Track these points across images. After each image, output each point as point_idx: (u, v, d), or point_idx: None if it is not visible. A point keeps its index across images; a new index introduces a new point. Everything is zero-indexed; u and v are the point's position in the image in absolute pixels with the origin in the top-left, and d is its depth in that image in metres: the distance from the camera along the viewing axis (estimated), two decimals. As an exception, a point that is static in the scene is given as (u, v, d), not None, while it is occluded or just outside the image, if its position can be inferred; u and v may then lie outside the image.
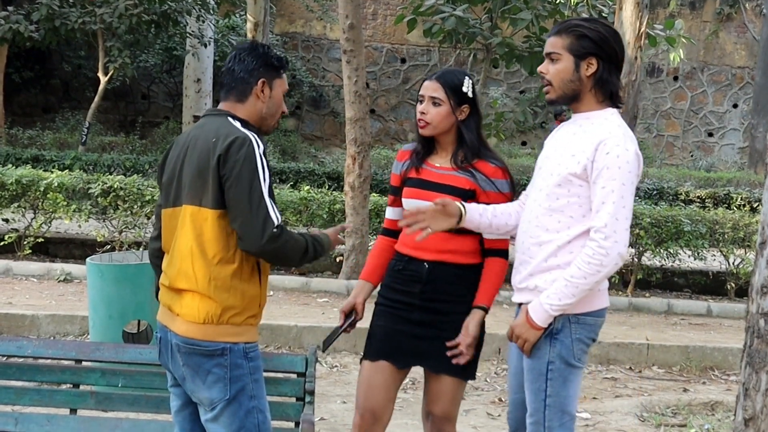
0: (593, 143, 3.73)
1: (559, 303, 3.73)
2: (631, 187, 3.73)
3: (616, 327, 9.70)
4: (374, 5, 24.76)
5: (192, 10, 17.75)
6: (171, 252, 3.71)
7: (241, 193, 3.52)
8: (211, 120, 3.74)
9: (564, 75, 3.83)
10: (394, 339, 4.29)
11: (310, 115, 24.81)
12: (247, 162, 3.53)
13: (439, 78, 4.30)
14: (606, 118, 3.84)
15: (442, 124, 4.26)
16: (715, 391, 7.89)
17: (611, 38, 3.83)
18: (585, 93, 3.85)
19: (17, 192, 10.95)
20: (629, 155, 3.71)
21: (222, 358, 3.62)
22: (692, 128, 26.01)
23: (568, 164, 3.78)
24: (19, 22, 16.69)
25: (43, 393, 4.58)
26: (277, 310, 9.10)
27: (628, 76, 11.68)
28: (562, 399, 3.86)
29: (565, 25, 3.88)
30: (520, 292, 3.95)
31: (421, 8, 13.52)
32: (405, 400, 7.04)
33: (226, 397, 3.62)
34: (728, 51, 25.95)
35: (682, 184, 19.60)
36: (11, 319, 8.31)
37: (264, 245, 3.52)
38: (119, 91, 22.77)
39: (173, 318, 3.69)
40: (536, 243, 3.85)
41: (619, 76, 3.90)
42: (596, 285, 3.76)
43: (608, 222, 3.66)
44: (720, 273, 12.11)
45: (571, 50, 3.81)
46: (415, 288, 4.25)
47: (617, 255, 3.69)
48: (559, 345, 3.83)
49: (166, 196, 3.78)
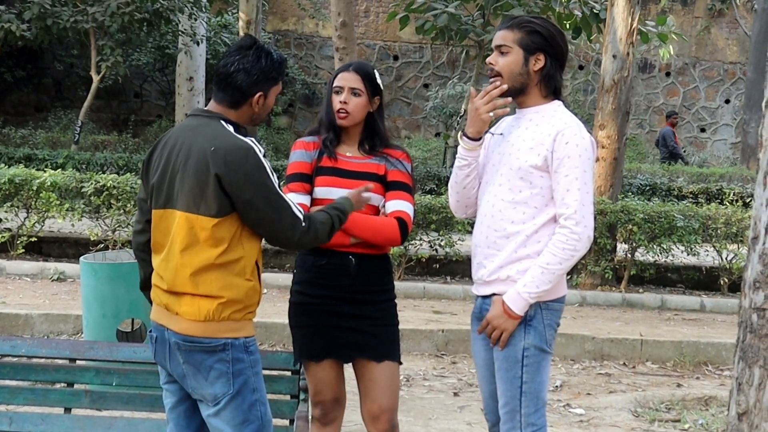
0: (551, 134, 3.86)
1: (537, 290, 3.82)
2: (591, 172, 3.88)
3: (609, 323, 9.72)
4: (366, 2, 24.76)
5: (184, 8, 17.70)
6: (166, 255, 3.69)
7: (263, 203, 3.58)
8: (204, 123, 3.70)
9: (513, 67, 3.95)
10: (330, 335, 4.28)
11: (303, 113, 24.80)
12: (258, 171, 3.57)
13: (357, 69, 4.37)
14: (555, 110, 3.98)
15: (360, 114, 4.33)
16: (709, 386, 7.92)
17: (559, 37, 4.00)
18: (531, 87, 3.98)
19: (10, 191, 10.93)
20: (586, 143, 3.87)
21: (224, 353, 3.63)
22: (684, 124, 26.04)
23: (528, 157, 3.89)
24: (10, 21, 16.65)
25: (37, 392, 4.58)
26: (271, 308, 9.10)
27: (620, 72, 11.70)
28: (537, 385, 3.93)
29: (516, 20, 4.00)
30: (489, 285, 4.00)
31: (413, 5, 13.55)
32: (400, 397, 7.04)
33: (230, 391, 3.64)
34: (720, 47, 25.99)
35: (675, 179, 19.61)
36: (5, 319, 8.31)
37: (298, 242, 3.70)
38: (111, 89, 22.74)
39: (172, 317, 3.68)
40: (503, 236, 3.92)
41: (563, 73, 4.05)
42: (569, 269, 3.88)
43: (577, 209, 3.81)
44: (713, 268, 12.14)
45: (521, 44, 3.94)
46: (344, 281, 4.25)
47: (587, 239, 3.84)
48: (533, 331, 3.91)
49: (156, 197, 3.75)
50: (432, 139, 24.49)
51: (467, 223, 11.32)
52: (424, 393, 7.27)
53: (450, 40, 14.07)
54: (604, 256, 11.36)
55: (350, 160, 4.32)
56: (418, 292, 10.62)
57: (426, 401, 7.05)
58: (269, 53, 3.76)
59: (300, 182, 4.34)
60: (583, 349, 8.70)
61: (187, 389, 3.74)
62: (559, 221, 3.84)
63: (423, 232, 11.24)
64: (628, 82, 11.78)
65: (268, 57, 3.74)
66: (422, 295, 10.58)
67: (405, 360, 8.04)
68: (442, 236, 11.26)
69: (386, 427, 4.32)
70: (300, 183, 4.34)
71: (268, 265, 11.69)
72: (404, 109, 25.16)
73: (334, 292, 4.27)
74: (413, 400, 7.05)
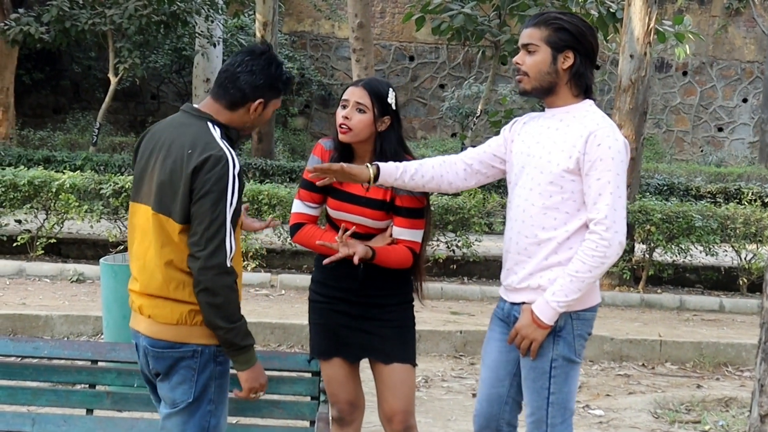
0: (582, 136, 3.74)
1: (566, 299, 3.72)
2: (624, 176, 3.75)
3: (628, 323, 9.70)
4: (382, 3, 24.77)
5: (201, 10, 17.77)
6: (141, 256, 3.61)
7: (204, 213, 3.43)
8: (191, 122, 3.61)
9: (541, 67, 3.83)
10: (338, 334, 4.29)
11: (319, 114, 24.82)
12: (219, 181, 3.44)
13: (365, 85, 4.24)
14: (587, 110, 3.85)
15: (363, 132, 4.19)
16: (729, 388, 7.89)
17: (588, 33, 3.85)
18: (561, 86, 3.87)
19: (29, 193, 10.99)
20: (619, 145, 3.74)
21: (192, 360, 3.57)
22: (702, 123, 25.96)
23: (559, 160, 3.77)
24: (29, 24, 16.75)
25: (59, 393, 4.60)
26: (289, 309, 9.12)
27: (637, 71, 11.67)
28: (564, 395, 3.87)
29: (543, 17, 3.88)
30: (519, 292, 3.91)
31: (429, 6, 13.52)
32: (418, 399, 7.04)
33: (188, 399, 3.58)
34: (737, 45, 25.90)
35: (693, 179, 19.56)
36: (25, 320, 8.35)
37: (208, 269, 3.43)
38: (129, 91, 22.82)
39: (143, 320, 3.63)
40: (534, 242, 3.83)
41: (593, 70, 3.91)
42: (599, 277, 3.77)
43: (608, 213, 3.68)
44: (732, 268, 12.10)
45: (549, 42, 3.82)
46: (352, 285, 4.24)
47: (618, 245, 3.71)
48: (562, 342, 3.83)
49: (136, 188, 3.67)
50: (448, 139, 24.48)
51: (484, 223, 11.32)
52: (443, 394, 7.27)
53: (466, 40, 14.02)
54: (622, 257, 11.32)
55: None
56: (436, 293, 10.62)
57: (445, 402, 7.05)
58: (280, 64, 3.69)
59: (307, 190, 4.34)
60: (601, 350, 8.68)
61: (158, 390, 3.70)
62: (590, 226, 3.72)
63: (440, 233, 11.24)
64: (645, 81, 11.75)
65: (278, 67, 3.66)
66: (440, 296, 10.57)
67: (423, 361, 8.06)
68: (459, 237, 11.26)
69: (400, 428, 4.30)
70: (307, 191, 4.34)
71: (285, 266, 11.73)
72: (420, 109, 25.15)
73: (343, 293, 4.29)
74: (432, 401, 7.05)
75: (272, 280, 10.74)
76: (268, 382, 4.02)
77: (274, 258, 11.71)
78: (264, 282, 10.63)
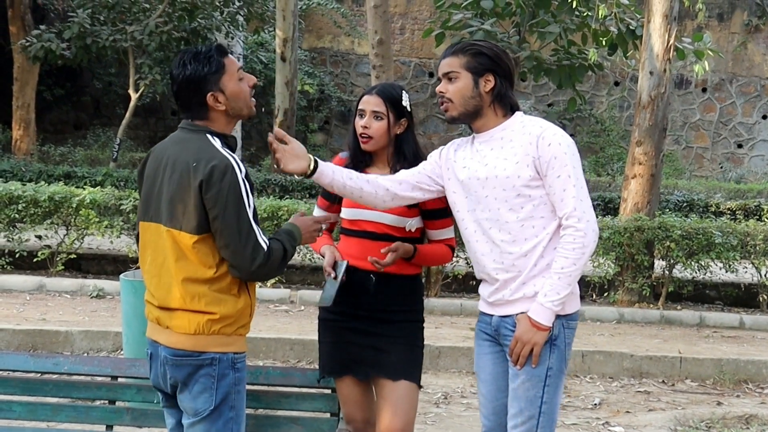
0: (531, 142, 3.83)
1: (558, 297, 3.79)
2: (580, 168, 3.85)
3: (648, 340, 9.67)
4: (402, 20, 24.83)
5: (221, 27, 17.87)
6: (156, 272, 3.69)
7: (229, 224, 3.51)
8: (189, 137, 3.68)
9: (464, 92, 3.94)
10: (347, 352, 4.29)
11: (338, 130, 24.88)
12: (232, 190, 3.52)
13: (379, 92, 4.31)
14: (522, 120, 3.95)
15: (383, 138, 4.27)
16: (750, 405, 7.85)
17: (504, 56, 3.98)
18: (485, 108, 3.96)
19: (50, 208, 11.04)
20: (568, 140, 3.85)
21: (210, 368, 3.63)
22: (721, 140, 25.89)
23: (520, 172, 3.84)
24: (51, 41, 16.89)
25: (79, 409, 4.61)
26: (309, 325, 9.12)
27: (656, 88, 11.67)
28: (553, 406, 3.92)
29: (459, 45, 4.00)
30: (512, 304, 3.95)
31: (449, 22, 13.55)
32: (437, 415, 7.05)
33: (210, 407, 3.63)
34: (757, 62, 25.83)
35: (712, 195, 19.50)
36: (45, 335, 8.39)
37: (255, 271, 3.57)
38: (149, 107, 22.94)
39: (162, 331, 3.69)
40: (521, 255, 3.88)
41: (513, 91, 4.00)
42: (583, 268, 3.82)
43: (576, 205, 3.77)
44: (752, 285, 12.04)
45: (468, 68, 3.93)
46: (363, 299, 4.25)
47: (593, 232, 3.80)
48: (557, 351, 3.89)
49: (144, 208, 3.75)
50: (467, 155, 24.46)
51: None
52: (462, 411, 7.26)
53: (486, 56, 14.05)
54: (642, 273, 11.31)
55: None
56: (455, 309, 10.60)
57: (464, 419, 7.04)
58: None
59: (324, 199, 4.43)
60: (621, 367, 8.65)
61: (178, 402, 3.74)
62: (562, 222, 3.80)
63: (459, 249, 11.22)
64: (665, 98, 11.74)
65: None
66: (459, 312, 10.56)
67: (442, 377, 8.07)
68: (478, 253, 11.22)
69: None
70: (323, 200, 4.43)
71: (305, 282, 11.74)
72: (440, 126, 25.18)
73: (353, 309, 4.28)
74: (451, 418, 7.04)
75: (291, 296, 10.75)
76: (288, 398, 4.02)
77: (294, 274, 11.72)
78: (283, 298, 10.64)
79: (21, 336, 8.36)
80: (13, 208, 11.02)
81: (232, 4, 18.04)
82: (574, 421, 7.11)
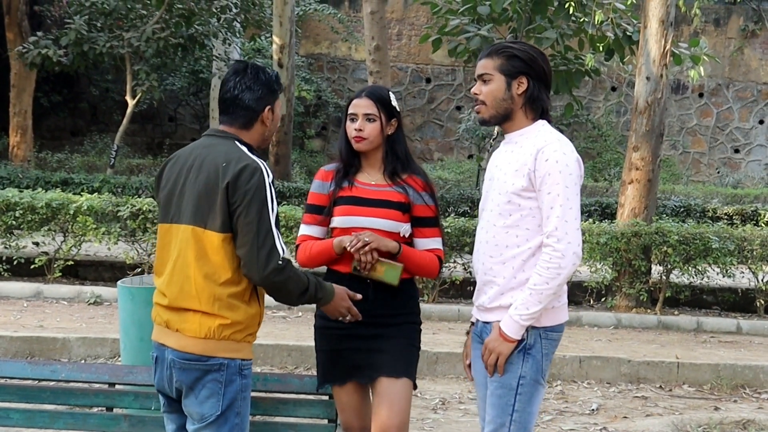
0: (532, 154, 3.84)
1: (527, 312, 3.79)
2: (575, 188, 3.83)
3: (645, 345, 9.67)
4: (399, 26, 24.86)
5: (218, 33, 17.88)
6: (170, 271, 3.72)
7: (250, 222, 3.56)
8: (218, 142, 3.76)
9: (497, 94, 3.96)
10: (348, 359, 4.27)
11: (335, 136, 24.87)
12: (258, 191, 3.58)
13: (369, 95, 4.34)
14: (539, 130, 3.95)
15: (377, 139, 4.30)
16: (747, 410, 7.85)
17: (539, 58, 3.98)
18: (516, 111, 3.97)
19: (47, 215, 11.04)
20: (568, 158, 3.83)
21: (218, 374, 3.65)
22: (718, 145, 25.93)
23: (514, 180, 3.87)
24: (47, 47, 16.87)
25: (76, 416, 4.60)
26: (306, 332, 9.12)
27: (653, 93, 11.68)
28: (527, 416, 3.90)
29: (494, 47, 4.03)
30: (491, 312, 3.98)
31: (446, 28, 13.57)
32: (435, 421, 7.05)
33: (217, 412, 3.65)
34: (753, 67, 25.88)
35: (709, 201, 19.53)
36: (42, 342, 8.38)
37: (267, 275, 3.59)
38: (146, 113, 22.95)
39: (171, 333, 3.70)
40: (499, 262, 3.92)
41: (548, 94, 4.02)
42: (559, 288, 3.81)
43: (558, 225, 3.77)
44: (749, 290, 12.05)
45: (502, 70, 3.96)
46: (361, 306, 4.19)
47: (573, 255, 3.78)
48: (531, 360, 3.88)
49: (164, 211, 3.79)
50: (465, 161, 24.52)
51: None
52: (460, 416, 7.26)
53: (482, 62, 14.06)
54: (639, 278, 11.32)
55: (369, 188, 4.30)
56: (453, 314, 10.61)
57: (462, 425, 7.04)
58: (264, 68, 3.85)
59: (311, 214, 4.39)
60: (619, 372, 8.65)
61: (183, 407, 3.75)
62: (544, 240, 3.81)
63: (457, 254, 11.24)
64: (661, 103, 11.76)
65: (264, 72, 3.82)
66: (457, 318, 10.56)
67: (440, 383, 8.07)
68: (476, 259, 11.24)
69: None
70: (311, 215, 4.39)
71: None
72: (437, 131, 25.20)
73: None
74: (449, 424, 7.04)
75: (289, 302, 10.72)
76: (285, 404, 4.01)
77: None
78: (281, 304, 10.62)
79: (18, 343, 8.35)
80: (10, 214, 11.01)
81: (229, 11, 18.04)
82: (571, 426, 7.11)
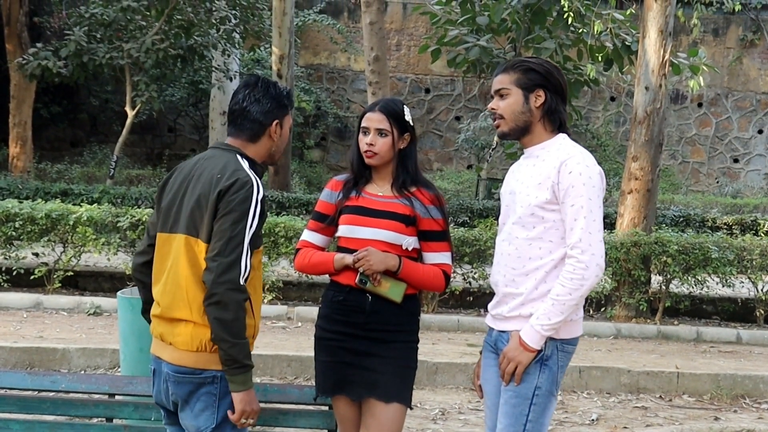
0: (555, 167, 3.87)
1: (549, 322, 3.81)
2: (598, 200, 3.87)
3: (645, 355, 9.67)
4: (398, 36, 24.89)
5: (218, 44, 17.90)
6: (163, 280, 3.71)
7: (224, 230, 3.53)
8: (220, 154, 3.76)
9: (515, 107, 3.98)
10: (341, 372, 4.25)
11: (335, 146, 24.91)
12: (242, 204, 3.55)
13: (382, 109, 4.30)
14: (560, 143, 3.98)
15: (388, 153, 4.28)
16: (747, 420, 7.85)
17: (555, 71, 4.02)
18: (535, 124, 4.00)
19: (47, 226, 11.04)
20: (591, 171, 3.86)
21: (212, 386, 3.64)
22: (717, 154, 25.94)
23: (537, 193, 3.89)
24: (47, 58, 16.89)
25: (76, 427, 4.60)
26: (306, 342, 9.11)
27: (652, 103, 11.70)
28: (539, 427, 3.91)
29: (510, 62, 4.06)
30: (509, 321, 3.98)
31: (445, 38, 13.60)
32: (435, 431, 7.04)
33: (212, 425, 3.64)
34: (752, 77, 25.91)
35: (709, 210, 19.54)
36: (42, 353, 8.37)
37: (220, 284, 3.49)
38: (146, 124, 22.97)
39: (165, 347, 3.70)
40: (522, 273, 3.93)
41: (565, 107, 4.05)
42: (581, 300, 3.84)
43: (582, 237, 3.79)
44: (749, 300, 12.05)
45: (519, 84, 3.98)
46: (359, 319, 4.21)
47: (596, 267, 3.80)
48: (548, 371, 3.90)
49: (164, 220, 3.78)
50: (464, 171, 24.52)
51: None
52: (460, 427, 7.26)
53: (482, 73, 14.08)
54: (639, 288, 11.32)
55: (375, 199, 4.29)
56: (452, 325, 10.60)
57: (461, 435, 7.04)
58: (275, 83, 3.85)
59: (315, 221, 4.39)
60: (618, 382, 8.65)
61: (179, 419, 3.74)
62: (567, 251, 3.83)
63: (456, 264, 11.23)
64: (660, 113, 11.77)
65: (275, 87, 3.83)
66: (456, 328, 10.56)
67: (440, 393, 8.06)
68: (475, 269, 11.26)
69: None
70: (315, 222, 4.39)
71: (302, 299, 11.74)
72: (436, 141, 25.22)
73: (348, 328, 4.24)
74: (449, 434, 7.03)
75: (289, 312, 10.75)
76: (285, 415, 4.00)
77: (291, 290, 11.73)
78: (281, 314, 10.64)
79: (18, 354, 8.34)
80: (10, 225, 11.01)
81: (229, 22, 18.07)
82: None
